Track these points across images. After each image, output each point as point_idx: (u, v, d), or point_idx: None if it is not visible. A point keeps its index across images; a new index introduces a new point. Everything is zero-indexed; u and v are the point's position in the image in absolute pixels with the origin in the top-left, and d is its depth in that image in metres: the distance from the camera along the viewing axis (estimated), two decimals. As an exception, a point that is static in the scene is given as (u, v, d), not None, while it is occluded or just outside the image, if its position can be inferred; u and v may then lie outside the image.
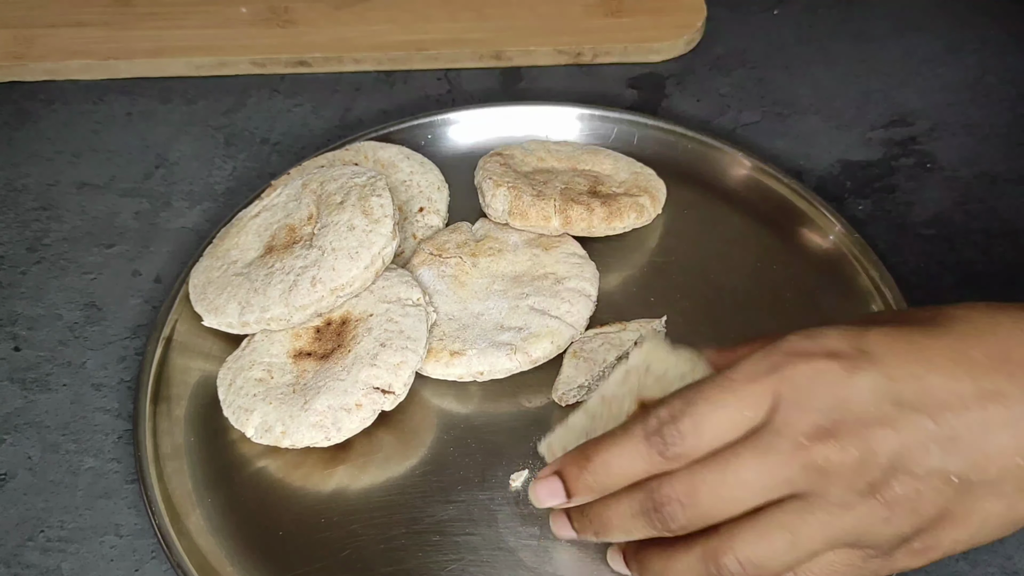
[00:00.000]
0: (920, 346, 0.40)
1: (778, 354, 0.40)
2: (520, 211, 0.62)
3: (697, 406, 0.41)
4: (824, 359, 0.40)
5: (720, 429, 0.40)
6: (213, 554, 0.52)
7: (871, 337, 0.40)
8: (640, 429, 0.41)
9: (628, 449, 0.42)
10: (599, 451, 0.43)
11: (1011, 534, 0.41)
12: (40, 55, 0.79)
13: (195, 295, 0.60)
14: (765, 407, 0.40)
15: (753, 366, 0.41)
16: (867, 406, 0.39)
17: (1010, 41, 0.78)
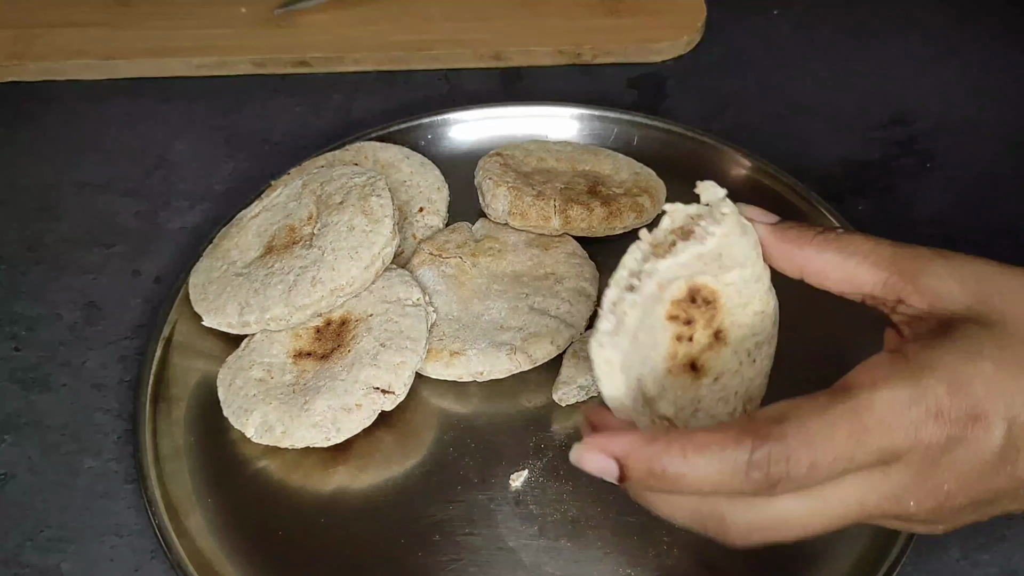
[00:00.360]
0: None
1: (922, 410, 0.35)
2: (520, 211, 0.62)
3: (819, 451, 0.35)
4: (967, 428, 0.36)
5: (836, 474, 0.36)
6: (213, 554, 0.52)
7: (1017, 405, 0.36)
8: (743, 462, 0.35)
9: (719, 475, 0.35)
10: (679, 467, 0.35)
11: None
12: (40, 55, 0.79)
13: (195, 295, 0.60)
14: (885, 459, 0.36)
15: (893, 416, 0.35)
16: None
17: (1010, 41, 0.78)
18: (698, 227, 0.39)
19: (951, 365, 0.36)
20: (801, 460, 0.35)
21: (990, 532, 0.53)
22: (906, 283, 0.39)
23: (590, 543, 0.51)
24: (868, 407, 0.35)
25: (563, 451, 0.55)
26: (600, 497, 0.52)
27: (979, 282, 0.38)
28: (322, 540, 0.52)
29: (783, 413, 0.35)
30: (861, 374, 0.36)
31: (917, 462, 0.36)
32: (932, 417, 0.35)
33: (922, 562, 0.52)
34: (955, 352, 0.36)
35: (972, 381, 0.36)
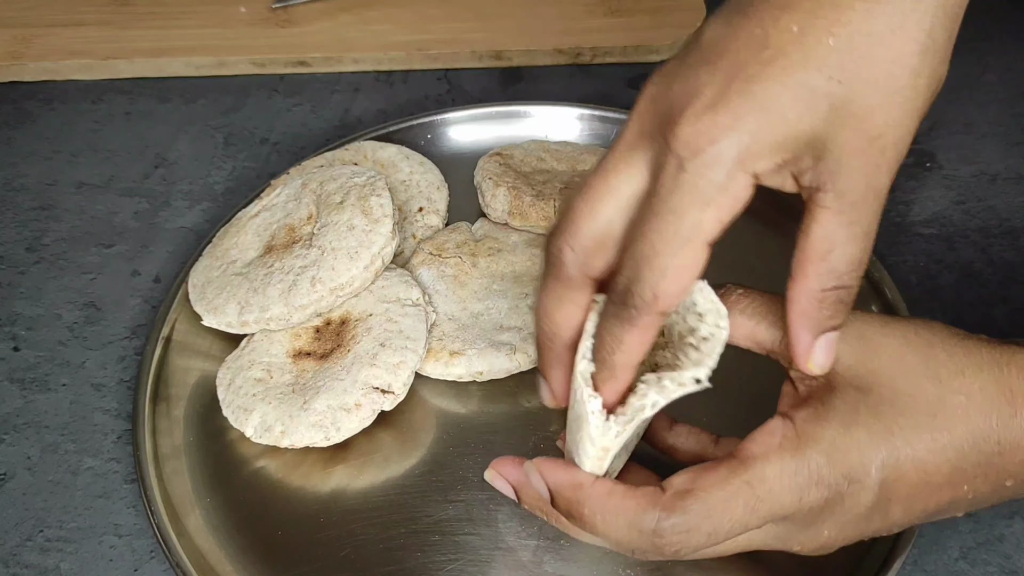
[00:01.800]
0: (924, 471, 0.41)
1: (804, 478, 0.40)
2: (520, 211, 0.62)
3: (717, 522, 0.40)
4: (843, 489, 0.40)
5: (731, 536, 0.41)
6: (212, 554, 0.52)
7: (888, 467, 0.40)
8: (649, 534, 0.41)
9: (625, 534, 0.41)
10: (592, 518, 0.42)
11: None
12: (39, 55, 0.79)
13: (194, 295, 0.60)
14: (776, 519, 0.41)
15: (780, 486, 0.40)
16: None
17: (1009, 40, 0.78)
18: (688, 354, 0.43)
19: (831, 438, 0.40)
20: (701, 530, 0.40)
21: (990, 531, 0.53)
22: None
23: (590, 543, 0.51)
24: (761, 479, 0.40)
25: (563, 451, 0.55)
26: (600, 497, 0.52)
27: (861, 342, 0.42)
28: (321, 540, 0.52)
29: (688, 486, 0.40)
30: (756, 444, 0.41)
31: (801, 519, 0.41)
32: (814, 484, 0.40)
33: (922, 562, 0.52)
34: (835, 423, 0.41)
35: (849, 451, 0.40)
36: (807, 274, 0.40)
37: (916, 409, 0.41)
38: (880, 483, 0.40)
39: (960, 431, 0.40)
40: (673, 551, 0.41)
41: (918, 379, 0.41)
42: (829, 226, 0.39)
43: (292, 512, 0.53)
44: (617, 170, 0.41)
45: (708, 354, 0.41)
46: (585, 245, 0.42)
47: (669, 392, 0.41)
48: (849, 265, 0.40)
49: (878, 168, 0.40)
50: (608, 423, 0.41)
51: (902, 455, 0.40)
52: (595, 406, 0.42)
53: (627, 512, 0.41)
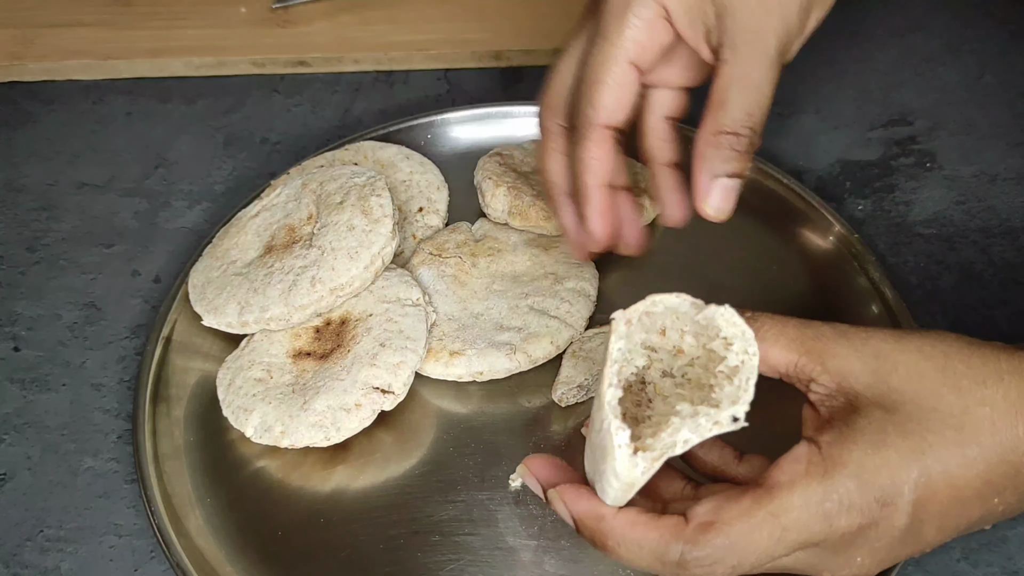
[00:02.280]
0: (955, 487, 0.40)
1: (834, 505, 0.40)
2: (520, 211, 0.62)
3: (742, 555, 0.40)
4: (875, 514, 0.40)
5: (757, 566, 0.41)
6: (212, 554, 0.52)
7: (920, 486, 0.40)
8: (674, 566, 0.40)
9: (649, 564, 0.41)
10: (616, 548, 0.42)
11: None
12: (40, 55, 0.79)
13: (194, 295, 0.60)
14: (805, 547, 0.41)
15: (807, 515, 0.40)
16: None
17: (1009, 40, 0.78)
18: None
19: (859, 460, 0.40)
20: (726, 562, 0.40)
21: (992, 533, 0.53)
22: (815, 364, 0.42)
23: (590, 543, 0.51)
24: (786, 509, 0.39)
25: (563, 451, 0.55)
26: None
27: (878, 359, 0.41)
28: (321, 540, 0.52)
29: (712, 518, 0.40)
30: (781, 472, 0.40)
31: (832, 545, 0.40)
32: (844, 510, 0.39)
33: (924, 562, 0.52)
34: (863, 445, 0.40)
35: (879, 472, 0.39)
36: (706, 120, 0.48)
37: (943, 424, 0.40)
38: (913, 504, 0.40)
39: (987, 443, 0.40)
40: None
41: (940, 392, 0.40)
42: (725, 78, 0.48)
43: (292, 512, 0.53)
44: (570, 43, 0.53)
45: (743, 388, 0.40)
46: (553, 102, 0.54)
47: (703, 431, 0.40)
48: (741, 112, 0.47)
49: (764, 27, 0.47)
50: (635, 458, 0.40)
51: (934, 472, 0.40)
52: (622, 439, 0.40)
53: (650, 543, 0.41)
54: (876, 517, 0.40)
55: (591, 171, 0.51)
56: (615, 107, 0.50)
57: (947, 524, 0.41)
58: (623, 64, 0.49)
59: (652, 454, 0.40)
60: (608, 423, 0.40)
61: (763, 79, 0.48)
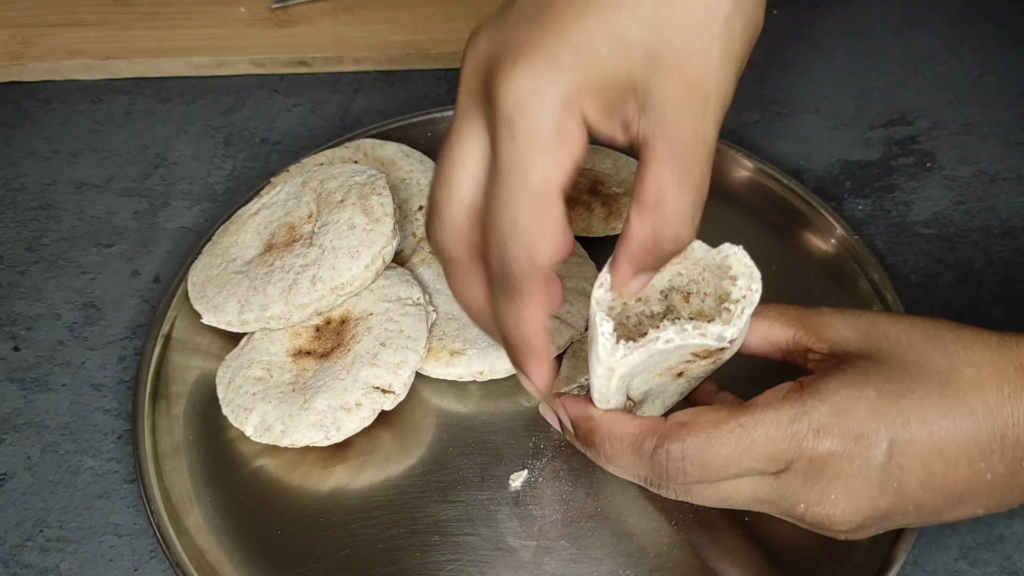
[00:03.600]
0: (938, 438, 0.41)
1: (804, 426, 0.41)
2: (519, 211, 0.62)
3: (710, 455, 0.42)
4: (849, 444, 0.41)
5: (727, 475, 0.43)
6: (212, 553, 0.52)
7: (898, 426, 0.41)
8: (648, 458, 0.43)
9: (630, 462, 0.45)
10: (603, 443, 0.45)
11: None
12: (39, 55, 0.78)
13: (194, 293, 0.60)
14: (775, 469, 0.42)
15: (777, 431, 0.41)
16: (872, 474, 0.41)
17: (1009, 39, 0.78)
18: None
19: (837, 391, 0.41)
20: (695, 460, 0.42)
21: (990, 531, 0.53)
22: (810, 335, 0.45)
23: (590, 543, 0.51)
24: (755, 423, 0.41)
25: (563, 451, 0.55)
26: (600, 497, 0.52)
27: (869, 328, 0.44)
28: (321, 539, 0.52)
29: (688, 419, 0.43)
30: (763, 396, 0.43)
31: (803, 469, 0.41)
32: (813, 432, 0.41)
33: (922, 561, 0.52)
34: (843, 380, 0.41)
35: (856, 404, 0.41)
36: (643, 221, 0.41)
37: (928, 378, 0.41)
38: (890, 442, 0.40)
39: (972, 399, 0.40)
40: (671, 478, 0.43)
41: (927, 353, 0.42)
42: (661, 176, 0.40)
43: (292, 511, 0.53)
44: (460, 146, 0.42)
45: (737, 314, 0.43)
46: (456, 229, 0.43)
47: (687, 336, 0.42)
48: (682, 214, 0.41)
49: (703, 117, 0.40)
50: (617, 345, 0.43)
51: (913, 417, 0.40)
52: (607, 328, 0.43)
53: (630, 438, 0.44)
54: (850, 449, 0.41)
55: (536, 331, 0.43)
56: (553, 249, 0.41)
57: (931, 481, 0.41)
58: (553, 199, 0.40)
59: (634, 343, 0.43)
60: (593, 316, 0.43)
61: (703, 172, 0.41)
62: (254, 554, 0.52)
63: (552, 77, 0.38)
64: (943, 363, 0.41)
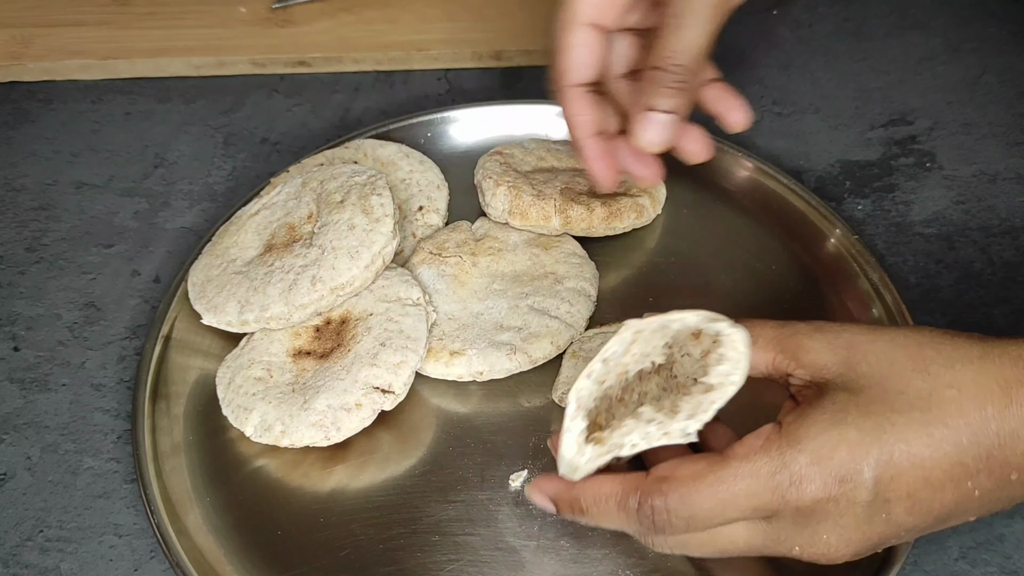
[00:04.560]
0: (923, 467, 0.41)
1: (785, 478, 0.41)
2: (520, 211, 0.62)
3: (693, 508, 0.42)
4: (833, 489, 0.41)
5: (714, 524, 0.43)
6: (212, 553, 0.52)
7: (881, 463, 0.40)
8: (635, 514, 0.43)
9: (619, 520, 0.44)
10: (590, 509, 0.44)
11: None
12: (39, 55, 0.79)
13: (194, 293, 0.60)
14: (762, 516, 0.42)
15: (757, 484, 0.41)
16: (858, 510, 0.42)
17: (1009, 40, 0.78)
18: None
19: (815, 436, 0.41)
20: (679, 514, 0.42)
21: (989, 531, 0.53)
22: (790, 360, 0.44)
23: (590, 543, 0.51)
24: (735, 476, 0.41)
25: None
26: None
27: (849, 351, 0.43)
28: (321, 539, 0.52)
29: (668, 472, 0.42)
30: (742, 445, 0.42)
31: (790, 517, 0.41)
32: (796, 484, 0.41)
33: (922, 562, 0.52)
34: (822, 422, 0.41)
35: (837, 447, 0.40)
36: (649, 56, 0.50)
37: (908, 405, 0.41)
38: (875, 481, 0.40)
39: (955, 424, 0.40)
40: (660, 531, 0.43)
41: (908, 376, 0.41)
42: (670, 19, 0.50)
43: (292, 512, 0.53)
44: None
45: (705, 408, 0.43)
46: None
47: (652, 439, 0.43)
48: (672, 50, 0.50)
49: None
50: (585, 445, 0.43)
51: (896, 451, 0.40)
52: (578, 426, 0.43)
53: (615, 498, 0.44)
54: (834, 493, 0.41)
55: (575, 126, 0.56)
56: (577, 68, 0.54)
57: (918, 507, 0.41)
58: (580, 27, 0.53)
59: (601, 448, 0.43)
60: (569, 407, 0.43)
61: (699, 19, 0.50)
62: (254, 554, 0.52)
63: None
64: (924, 387, 0.41)
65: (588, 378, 0.44)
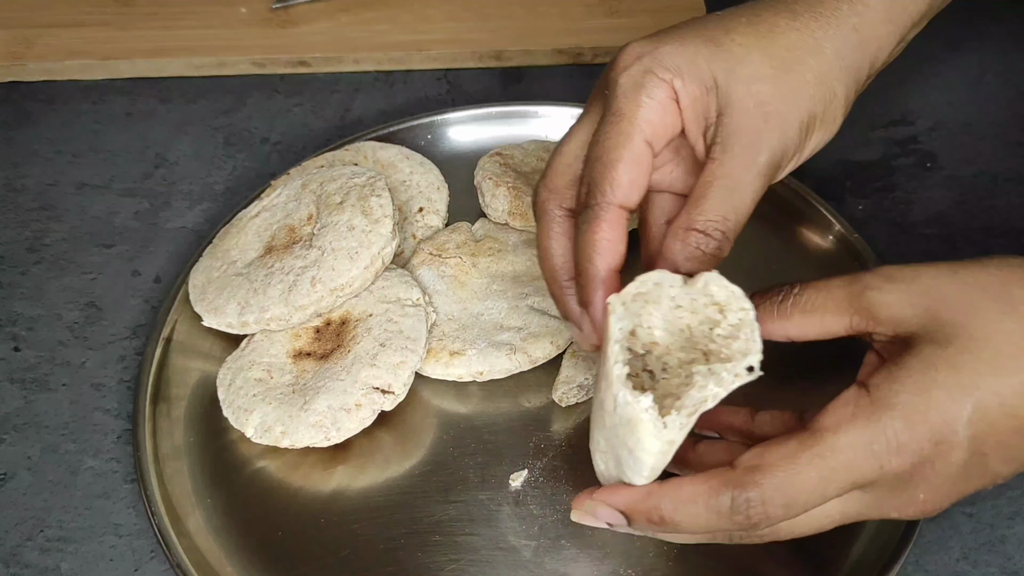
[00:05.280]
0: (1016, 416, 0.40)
1: (882, 446, 0.39)
2: (520, 211, 0.62)
3: (791, 494, 0.40)
4: (929, 452, 0.40)
5: (812, 507, 0.41)
6: (212, 554, 0.52)
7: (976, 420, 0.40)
8: (728, 512, 0.40)
9: (709, 522, 0.41)
10: (673, 515, 0.42)
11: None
12: (40, 55, 0.79)
13: (195, 295, 0.60)
14: (858, 487, 0.41)
15: (856, 456, 0.40)
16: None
17: (1010, 40, 0.78)
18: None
19: (907, 401, 0.39)
20: (776, 502, 0.40)
21: (991, 532, 0.53)
22: (866, 320, 0.42)
23: (590, 543, 0.51)
24: (832, 451, 0.40)
25: (563, 451, 0.55)
26: (600, 497, 0.52)
27: (928, 298, 0.41)
28: (322, 540, 0.52)
29: (758, 461, 0.40)
30: (829, 415, 0.40)
31: (888, 484, 0.41)
32: (894, 452, 0.39)
33: (923, 562, 0.52)
34: (911, 385, 0.40)
35: (929, 412, 0.39)
36: (680, 214, 0.46)
37: (997, 352, 0.40)
38: (970, 439, 0.39)
39: None
40: (755, 525, 0.40)
41: (994, 320, 0.40)
42: (709, 175, 0.45)
43: (292, 512, 0.53)
44: (576, 126, 0.50)
45: (750, 339, 0.41)
46: (556, 183, 0.49)
47: (727, 383, 0.41)
48: (716, 214, 0.45)
49: (759, 136, 0.46)
50: (664, 420, 0.40)
51: (989, 405, 0.39)
52: (646, 403, 0.40)
53: (702, 497, 0.41)
54: (930, 456, 0.39)
55: (603, 253, 0.46)
56: (632, 186, 0.46)
57: (1012, 455, 0.40)
58: (639, 141, 0.46)
59: (685, 411, 0.40)
60: (622, 396, 0.41)
61: (747, 186, 0.45)
62: (255, 554, 0.52)
63: (652, 53, 0.47)
64: (1013, 329, 0.40)
65: (619, 363, 0.41)
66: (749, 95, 0.46)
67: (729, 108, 0.46)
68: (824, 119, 0.49)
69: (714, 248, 0.45)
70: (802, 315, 0.44)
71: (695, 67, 0.46)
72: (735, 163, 0.45)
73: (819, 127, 0.48)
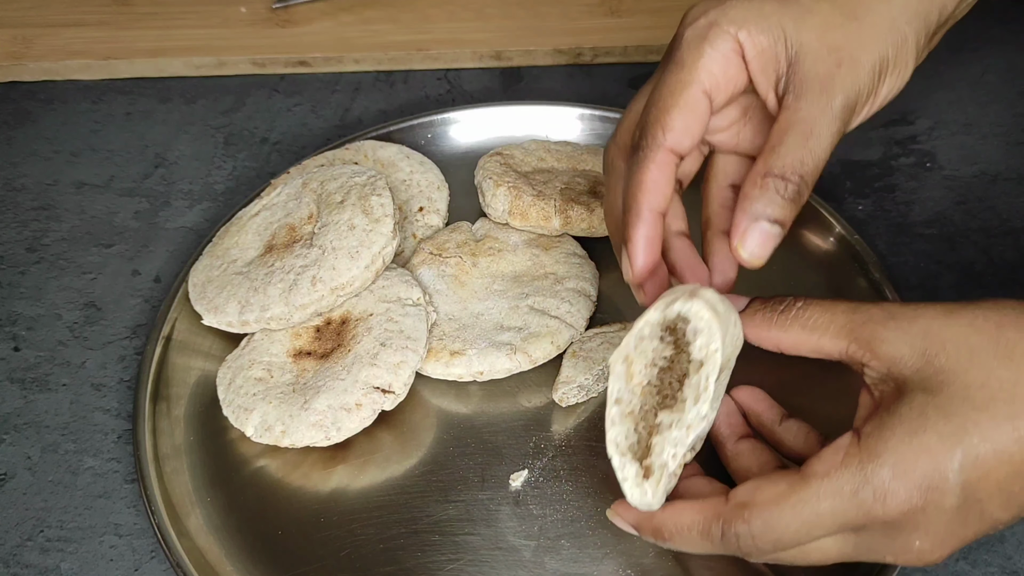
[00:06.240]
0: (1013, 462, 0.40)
1: (868, 495, 0.40)
2: (520, 211, 0.62)
3: (778, 532, 0.41)
4: (919, 500, 0.40)
5: (802, 543, 0.42)
6: (212, 553, 0.52)
7: (967, 466, 0.40)
8: (719, 541, 0.43)
9: (704, 547, 0.44)
10: (672, 538, 0.45)
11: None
12: (39, 55, 0.79)
13: (195, 294, 0.60)
14: (848, 530, 0.42)
15: (841, 502, 0.40)
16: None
17: (1010, 40, 0.78)
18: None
19: (895, 449, 0.40)
20: (765, 538, 0.42)
21: (990, 532, 0.53)
22: (864, 351, 0.43)
23: (590, 543, 0.51)
24: (818, 497, 0.41)
25: (563, 451, 0.55)
26: (600, 497, 0.52)
27: (925, 339, 0.41)
28: (321, 540, 0.52)
29: (748, 498, 0.42)
30: (820, 462, 0.41)
31: (879, 530, 0.41)
32: (880, 500, 0.40)
33: (922, 562, 0.52)
34: (900, 433, 0.40)
35: (918, 459, 0.39)
36: (757, 162, 0.45)
37: (992, 399, 0.39)
38: (963, 485, 0.39)
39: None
40: (747, 555, 0.43)
41: (990, 365, 0.40)
42: (784, 123, 0.45)
43: (292, 512, 0.53)
44: (648, 82, 0.50)
45: (703, 385, 0.43)
46: (622, 140, 0.51)
47: (682, 441, 0.43)
48: (793, 159, 0.45)
49: (833, 80, 0.45)
50: (645, 484, 0.45)
51: (981, 452, 0.39)
52: (628, 473, 0.45)
53: (696, 524, 0.43)
54: (921, 503, 0.40)
55: (648, 193, 0.47)
56: (684, 132, 0.46)
57: (1013, 499, 0.40)
58: (697, 90, 0.46)
59: (655, 478, 0.44)
60: (613, 461, 0.45)
61: (823, 129, 0.45)
62: (255, 554, 0.52)
63: (717, 8, 0.47)
64: (1007, 376, 0.40)
65: (613, 426, 0.44)
66: (820, 42, 0.46)
67: (800, 56, 0.46)
68: (896, 63, 0.47)
69: (792, 193, 0.45)
70: (801, 330, 0.44)
71: (763, 19, 0.46)
72: (810, 108, 0.45)
73: (891, 71, 0.47)
